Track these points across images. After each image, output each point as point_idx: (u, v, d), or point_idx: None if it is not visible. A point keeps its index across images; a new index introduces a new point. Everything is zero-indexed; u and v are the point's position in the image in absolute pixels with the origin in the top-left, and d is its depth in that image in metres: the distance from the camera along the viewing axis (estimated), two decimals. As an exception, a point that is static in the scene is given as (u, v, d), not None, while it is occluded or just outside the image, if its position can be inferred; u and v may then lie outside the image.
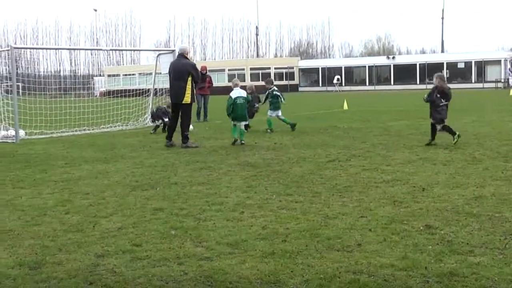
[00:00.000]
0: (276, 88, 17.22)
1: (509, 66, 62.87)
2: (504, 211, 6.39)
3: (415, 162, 10.01)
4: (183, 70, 13.32)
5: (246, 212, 6.67)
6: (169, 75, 13.83)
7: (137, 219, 6.47)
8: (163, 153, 12.33)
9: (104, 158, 11.74)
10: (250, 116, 15.44)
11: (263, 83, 18.15)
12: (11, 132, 16.32)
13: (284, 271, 4.64)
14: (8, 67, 23.06)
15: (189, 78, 13.28)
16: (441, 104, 12.33)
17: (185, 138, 13.27)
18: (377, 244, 5.28)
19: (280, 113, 16.92)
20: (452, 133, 12.28)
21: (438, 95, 12.29)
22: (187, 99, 13.27)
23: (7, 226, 6.32)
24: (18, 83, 19.99)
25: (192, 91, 13.42)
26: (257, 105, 16.54)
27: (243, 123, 13.91)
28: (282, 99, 16.99)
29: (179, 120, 13.60)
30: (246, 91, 14.75)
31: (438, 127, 12.37)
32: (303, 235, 5.64)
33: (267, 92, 17.04)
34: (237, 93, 13.88)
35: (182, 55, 13.67)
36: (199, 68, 23.85)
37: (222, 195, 7.64)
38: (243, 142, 13.45)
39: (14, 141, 15.62)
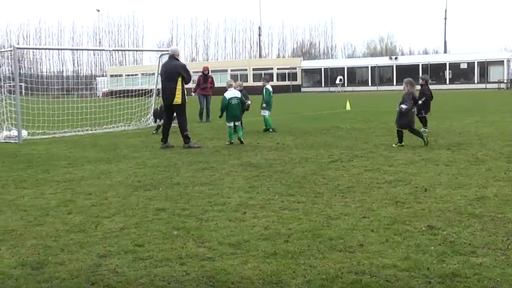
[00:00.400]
0: (268, 87, 17.17)
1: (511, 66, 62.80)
2: (507, 211, 6.39)
3: (417, 163, 10.00)
4: (173, 72, 13.38)
5: (249, 212, 6.67)
6: (161, 77, 13.90)
7: (140, 219, 6.48)
8: (165, 153, 12.34)
9: (106, 158, 11.76)
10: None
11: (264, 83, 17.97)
12: (14, 132, 16.35)
13: (286, 272, 4.64)
14: (11, 67, 23.13)
15: (179, 79, 13.31)
16: (412, 109, 12.50)
17: (186, 138, 13.29)
18: (379, 245, 5.28)
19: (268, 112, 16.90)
20: (400, 139, 12.32)
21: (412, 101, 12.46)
22: (177, 100, 13.29)
23: (10, 226, 6.33)
24: (20, 83, 20.01)
25: (183, 91, 13.42)
26: (248, 102, 16.42)
27: (237, 123, 13.95)
28: (263, 97, 16.93)
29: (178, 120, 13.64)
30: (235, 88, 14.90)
31: (399, 128, 12.43)
32: (305, 235, 5.64)
33: (264, 90, 17.06)
34: (231, 93, 13.98)
35: (173, 57, 13.72)
36: (201, 68, 24.04)
37: (225, 196, 7.64)
38: (240, 138, 13.58)
39: (17, 141, 15.64)
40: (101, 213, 6.82)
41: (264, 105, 16.88)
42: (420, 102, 14.81)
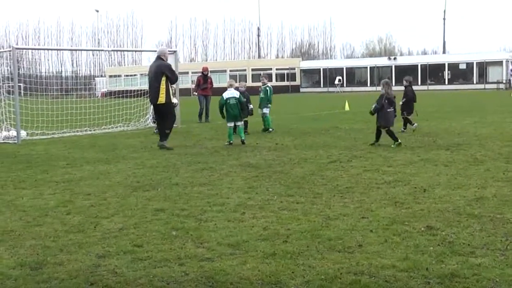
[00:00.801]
0: (269, 85, 17.51)
1: (510, 67, 62.82)
2: (506, 212, 6.39)
3: (416, 163, 10.00)
4: (157, 72, 13.40)
5: (247, 213, 6.67)
6: (148, 77, 13.97)
7: (138, 219, 6.48)
8: (164, 153, 12.33)
9: (105, 158, 11.75)
10: (245, 116, 15.63)
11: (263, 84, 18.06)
12: (13, 132, 16.34)
13: (285, 272, 4.64)
14: (10, 67, 23.17)
15: (163, 79, 13.32)
16: (389, 110, 12.78)
17: (163, 136, 13.31)
18: (378, 245, 5.28)
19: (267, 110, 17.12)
20: (394, 138, 12.50)
21: (386, 101, 12.73)
22: (161, 99, 13.30)
23: (9, 226, 6.33)
24: (19, 84, 20.02)
25: (167, 91, 13.39)
26: (251, 106, 16.50)
27: (238, 123, 13.95)
28: (268, 96, 17.25)
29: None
30: (239, 88, 15.07)
31: (383, 131, 12.76)
32: (304, 236, 5.64)
33: (267, 89, 17.29)
34: (230, 93, 13.99)
35: (159, 57, 13.72)
36: (200, 69, 24.00)
37: (224, 196, 7.64)
38: (243, 140, 13.54)
39: (16, 141, 15.63)
40: (100, 214, 6.81)
41: (269, 104, 17.16)
42: (400, 102, 15.52)
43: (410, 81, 16.79)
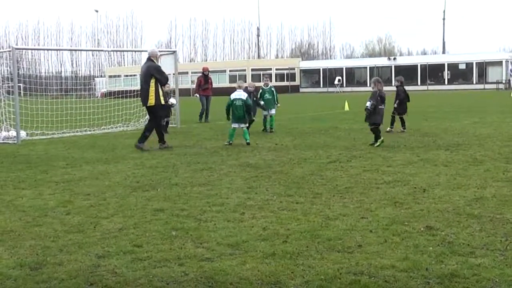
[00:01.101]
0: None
1: (510, 67, 62.85)
2: (505, 212, 6.39)
3: (416, 163, 10.01)
4: (146, 73, 13.36)
5: (247, 213, 6.67)
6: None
7: (138, 220, 6.48)
8: (164, 154, 12.33)
9: (105, 159, 11.75)
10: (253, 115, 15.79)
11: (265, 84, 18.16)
12: (12, 133, 16.34)
13: (285, 272, 4.64)
14: (10, 68, 23.18)
15: (153, 81, 13.28)
16: (380, 107, 12.78)
17: (142, 138, 13.28)
18: (377, 245, 5.28)
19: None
20: (378, 137, 12.59)
21: (379, 98, 12.77)
22: (151, 101, 13.27)
23: (8, 226, 6.33)
24: (19, 84, 20.00)
25: (156, 93, 13.33)
26: (261, 102, 16.64)
27: (242, 125, 13.91)
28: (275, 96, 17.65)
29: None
30: (248, 88, 15.10)
31: (371, 127, 12.82)
32: (303, 236, 5.64)
33: (272, 89, 17.59)
34: (237, 95, 13.95)
35: (149, 58, 13.68)
36: (199, 69, 24.00)
37: (223, 196, 7.64)
38: (248, 142, 13.52)
39: (15, 142, 15.63)
40: (99, 214, 6.81)
41: (279, 104, 17.78)
42: (394, 105, 15.87)
43: (402, 81, 16.84)
